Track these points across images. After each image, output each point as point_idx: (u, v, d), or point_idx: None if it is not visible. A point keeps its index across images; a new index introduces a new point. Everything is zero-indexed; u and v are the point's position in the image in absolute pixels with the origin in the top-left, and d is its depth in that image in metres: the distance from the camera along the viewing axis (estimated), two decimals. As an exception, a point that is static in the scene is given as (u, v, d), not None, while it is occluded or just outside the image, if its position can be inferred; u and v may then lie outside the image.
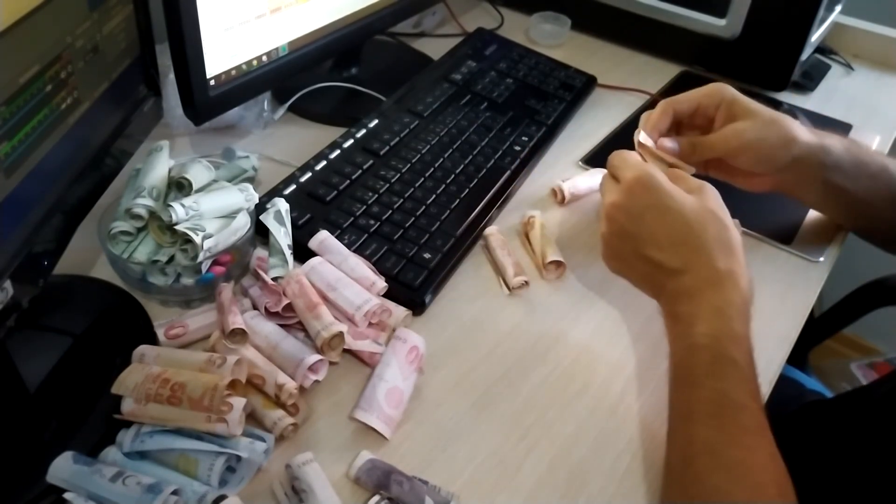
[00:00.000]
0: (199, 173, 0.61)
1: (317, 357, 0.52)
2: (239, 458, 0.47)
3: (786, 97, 0.98)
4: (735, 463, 0.45)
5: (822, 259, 0.71)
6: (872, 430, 0.67)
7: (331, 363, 0.54)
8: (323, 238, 0.61)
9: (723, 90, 0.64)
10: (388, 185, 0.70)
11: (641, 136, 0.65)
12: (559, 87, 0.91)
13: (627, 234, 0.56)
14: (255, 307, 0.56)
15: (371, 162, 0.72)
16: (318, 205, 0.67)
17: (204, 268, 0.57)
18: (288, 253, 0.59)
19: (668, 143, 0.63)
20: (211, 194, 0.59)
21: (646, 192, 0.56)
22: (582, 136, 0.86)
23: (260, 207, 0.62)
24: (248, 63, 0.71)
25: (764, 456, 0.45)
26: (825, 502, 0.66)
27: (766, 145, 0.62)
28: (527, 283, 0.64)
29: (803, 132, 0.63)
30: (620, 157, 0.60)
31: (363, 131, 0.76)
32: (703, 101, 0.65)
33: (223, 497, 0.43)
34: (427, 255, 0.63)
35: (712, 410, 0.47)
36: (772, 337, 0.62)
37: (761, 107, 0.63)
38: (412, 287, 0.61)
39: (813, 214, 0.75)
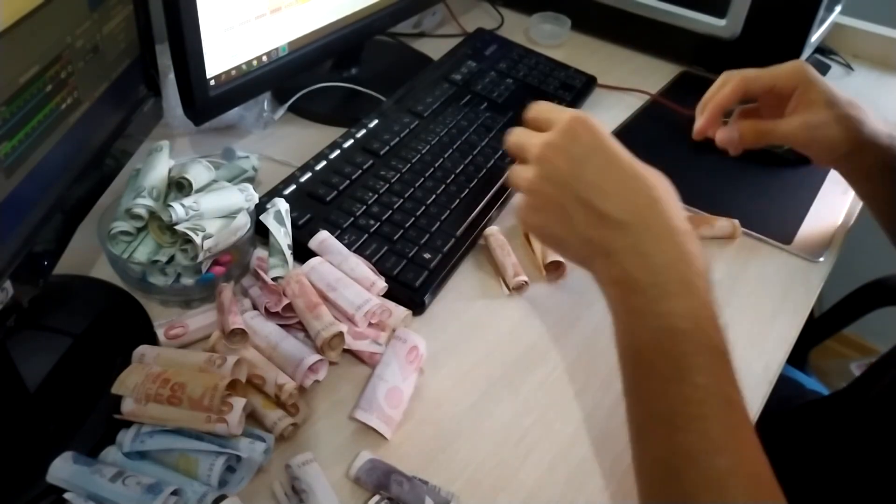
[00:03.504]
0: (199, 173, 0.61)
1: (317, 357, 0.52)
2: (239, 458, 0.47)
3: (786, 97, 0.98)
4: (725, 474, 0.40)
5: (822, 259, 0.71)
6: (868, 429, 0.67)
7: (331, 363, 0.54)
8: (323, 238, 0.61)
9: (802, 72, 0.63)
10: (388, 185, 0.70)
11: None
12: (559, 87, 0.91)
13: (564, 178, 0.47)
14: (255, 307, 0.56)
15: (371, 162, 0.72)
16: (318, 205, 0.67)
17: (204, 268, 0.57)
18: (288, 253, 0.59)
19: (725, 133, 0.62)
20: (211, 194, 0.59)
21: (589, 133, 0.48)
22: (582, 136, 0.86)
23: (260, 207, 0.62)
24: (248, 63, 0.71)
25: (751, 453, 0.41)
26: (824, 501, 0.66)
27: (833, 141, 0.61)
28: (527, 283, 0.64)
29: (874, 122, 0.62)
30: (545, 105, 0.52)
31: (363, 131, 0.76)
32: (780, 84, 0.63)
33: (223, 497, 0.44)
34: (427, 255, 0.63)
35: (697, 412, 0.41)
36: (772, 337, 0.62)
37: (838, 95, 0.62)
38: (412, 287, 0.61)
39: (813, 214, 0.75)
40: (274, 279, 0.57)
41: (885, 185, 0.64)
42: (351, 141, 0.75)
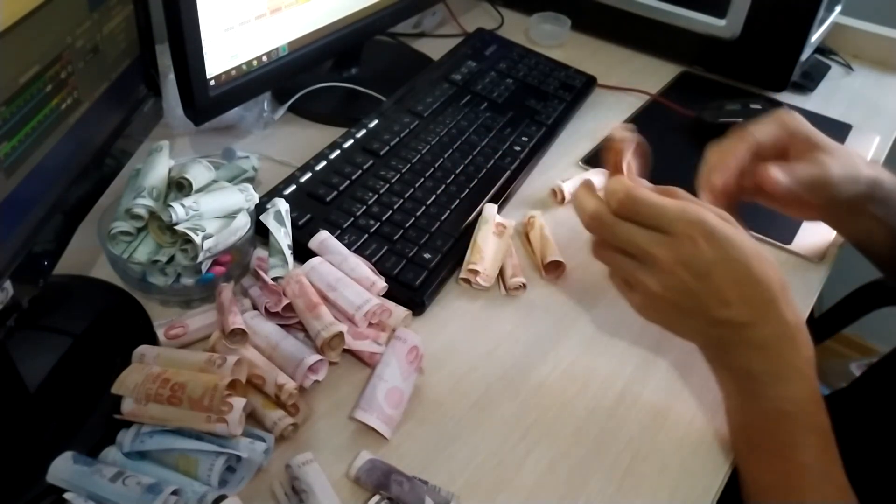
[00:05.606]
0: (199, 173, 0.61)
1: (317, 357, 0.52)
2: (239, 458, 0.47)
3: (786, 97, 0.98)
4: None
5: (822, 259, 0.71)
6: (868, 429, 0.67)
7: (331, 363, 0.54)
8: (323, 238, 0.61)
9: (791, 119, 0.60)
10: (388, 185, 0.70)
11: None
12: (559, 88, 0.91)
13: (691, 292, 0.50)
14: (255, 307, 0.56)
15: (371, 162, 0.72)
16: (318, 205, 0.67)
17: (204, 268, 0.57)
18: (288, 253, 0.59)
19: (783, 179, 0.57)
20: (211, 194, 0.59)
21: (709, 246, 0.49)
22: (582, 136, 0.86)
23: (260, 207, 0.62)
24: (248, 63, 0.71)
25: None
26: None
27: (834, 182, 0.59)
28: (524, 285, 0.64)
29: (864, 167, 0.60)
30: (646, 198, 0.51)
31: (363, 131, 0.76)
32: (779, 133, 0.60)
33: (223, 497, 0.43)
34: (427, 255, 0.63)
35: (796, 485, 0.48)
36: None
37: (831, 140, 0.60)
38: (412, 287, 0.61)
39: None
40: (274, 279, 0.57)
41: (880, 222, 0.62)
42: (351, 141, 0.75)
